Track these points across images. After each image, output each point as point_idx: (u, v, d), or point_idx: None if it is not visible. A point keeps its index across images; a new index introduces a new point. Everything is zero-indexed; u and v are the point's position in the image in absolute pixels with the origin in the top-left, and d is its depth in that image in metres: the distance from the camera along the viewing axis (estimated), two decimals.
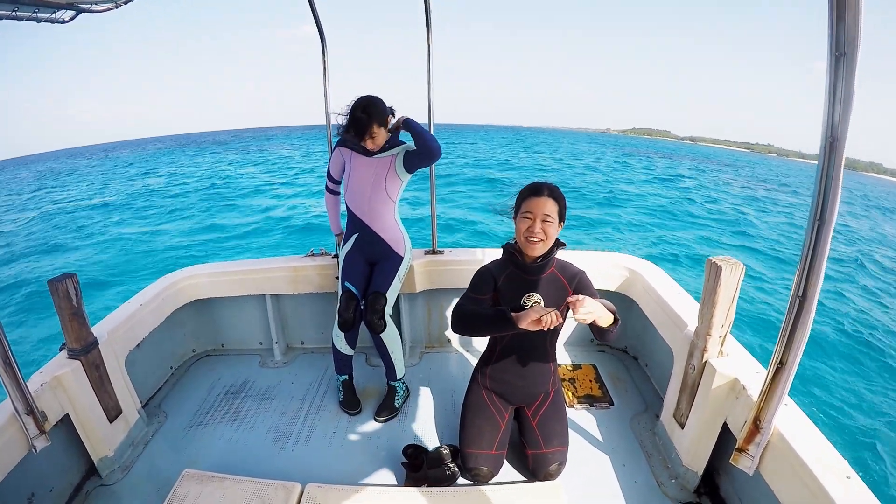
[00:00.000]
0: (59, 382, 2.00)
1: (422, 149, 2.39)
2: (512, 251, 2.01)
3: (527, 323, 1.65)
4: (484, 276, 2.07)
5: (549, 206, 1.88)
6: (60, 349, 2.14)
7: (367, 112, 2.29)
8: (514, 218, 1.97)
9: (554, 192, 1.91)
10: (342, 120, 2.39)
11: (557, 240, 1.99)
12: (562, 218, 1.93)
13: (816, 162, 1.28)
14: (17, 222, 16.88)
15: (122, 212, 17.48)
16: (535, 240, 1.88)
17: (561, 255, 2.07)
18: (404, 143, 2.50)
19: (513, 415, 2.24)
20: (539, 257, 1.95)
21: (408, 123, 2.42)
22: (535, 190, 1.92)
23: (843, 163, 1.21)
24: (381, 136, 2.37)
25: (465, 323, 1.90)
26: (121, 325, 2.41)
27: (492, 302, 2.05)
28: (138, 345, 2.57)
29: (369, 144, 2.38)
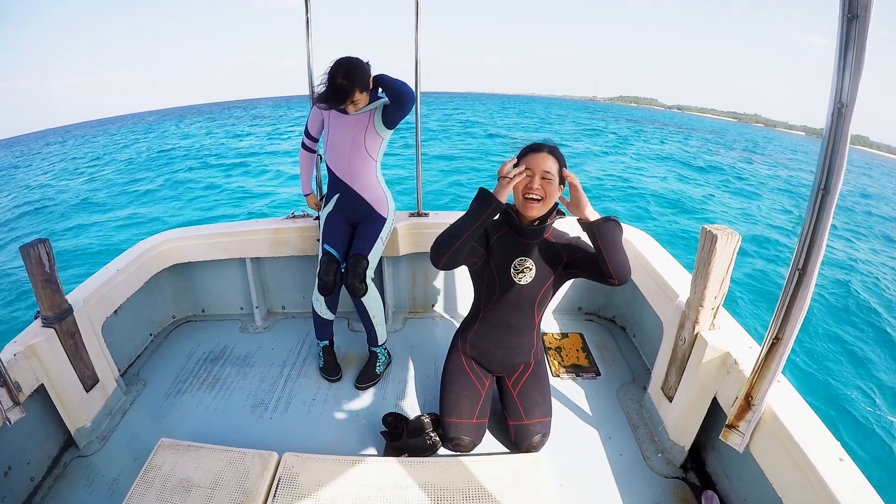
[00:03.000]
0: (32, 352, 1.92)
1: (393, 97, 2.28)
2: (509, 211, 1.92)
3: (504, 189, 1.71)
4: None
5: (549, 164, 1.78)
6: (35, 317, 2.06)
7: (349, 77, 2.15)
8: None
9: (554, 151, 1.82)
10: (322, 87, 2.24)
11: (557, 206, 1.90)
12: (562, 180, 1.83)
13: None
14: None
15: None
16: (535, 198, 1.79)
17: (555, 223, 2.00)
18: (381, 97, 2.37)
19: (494, 383, 2.19)
20: (536, 220, 1.87)
21: (377, 80, 2.29)
22: (534, 147, 1.82)
23: (850, 130, 1.14)
24: (362, 100, 2.25)
25: (444, 236, 1.80)
26: (96, 292, 2.32)
27: (483, 258, 1.97)
28: (116, 311, 2.49)
29: (350, 109, 2.27)
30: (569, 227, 2.05)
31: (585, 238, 1.86)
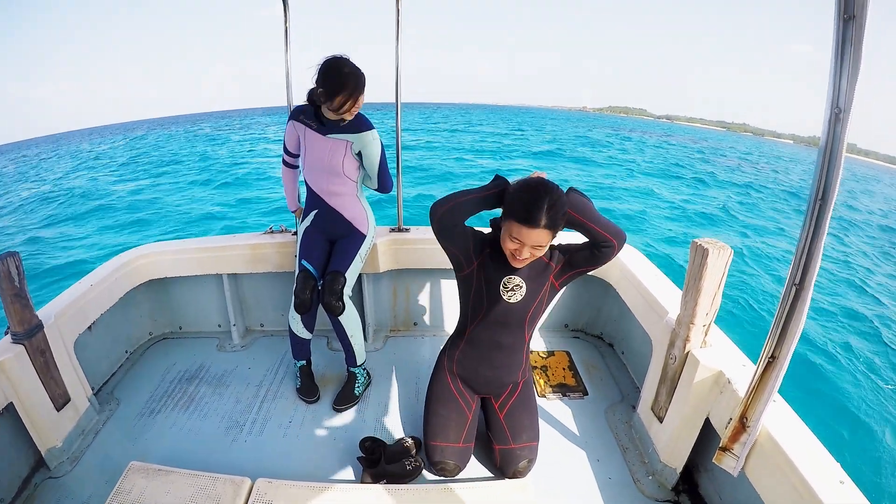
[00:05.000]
0: (1, 369, 1.84)
1: (378, 183, 2.40)
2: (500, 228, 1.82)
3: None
4: (478, 234, 1.90)
5: (544, 237, 1.61)
6: (5, 333, 1.98)
7: (356, 71, 2.05)
8: (501, 223, 1.73)
9: (552, 219, 1.58)
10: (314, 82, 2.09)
11: None
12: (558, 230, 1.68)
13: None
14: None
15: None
16: (522, 262, 1.72)
17: None
18: (370, 128, 2.23)
19: (480, 405, 2.10)
20: None
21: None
22: (528, 218, 1.57)
23: (846, 136, 1.09)
24: (360, 104, 2.14)
25: (450, 196, 1.78)
26: (69, 307, 2.23)
27: (475, 264, 1.88)
28: (90, 328, 2.40)
29: (350, 115, 2.14)
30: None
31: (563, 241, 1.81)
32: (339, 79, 2.03)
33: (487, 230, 1.92)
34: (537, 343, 2.94)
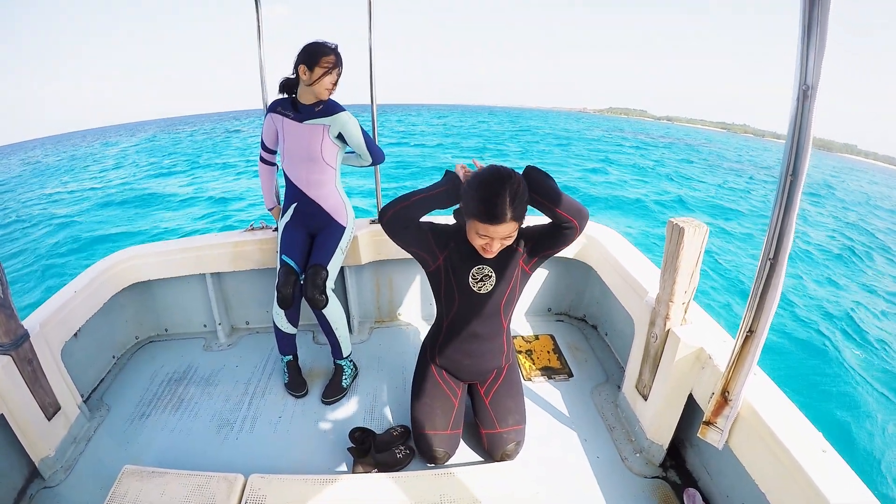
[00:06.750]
0: None
1: (368, 160, 2.43)
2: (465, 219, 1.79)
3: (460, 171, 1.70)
4: (438, 228, 1.86)
5: (512, 229, 1.60)
6: None
7: (336, 48, 2.13)
8: (465, 218, 1.68)
9: (517, 210, 1.57)
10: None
11: None
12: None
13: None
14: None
15: None
16: (494, 253, 1.70)
17: None
18: (342, 110, 2.26)
19: (466, 392, 2.11)
20: None
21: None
22: (492, 215, 1.55)
23: (814, 113, 1.11)
24: (336, 83, 2.20)
25: (399, 199, 1.71)
26: (53, 315, 2.19)
27: (441, 259, 1.86)
28: (76, 334, 2.37)
29: (325, 95, 2.18)
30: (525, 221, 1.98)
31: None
32: (321, 48, 2.11)
33: (452, 221, 1.89)
34: (522, 327, 2.97)
